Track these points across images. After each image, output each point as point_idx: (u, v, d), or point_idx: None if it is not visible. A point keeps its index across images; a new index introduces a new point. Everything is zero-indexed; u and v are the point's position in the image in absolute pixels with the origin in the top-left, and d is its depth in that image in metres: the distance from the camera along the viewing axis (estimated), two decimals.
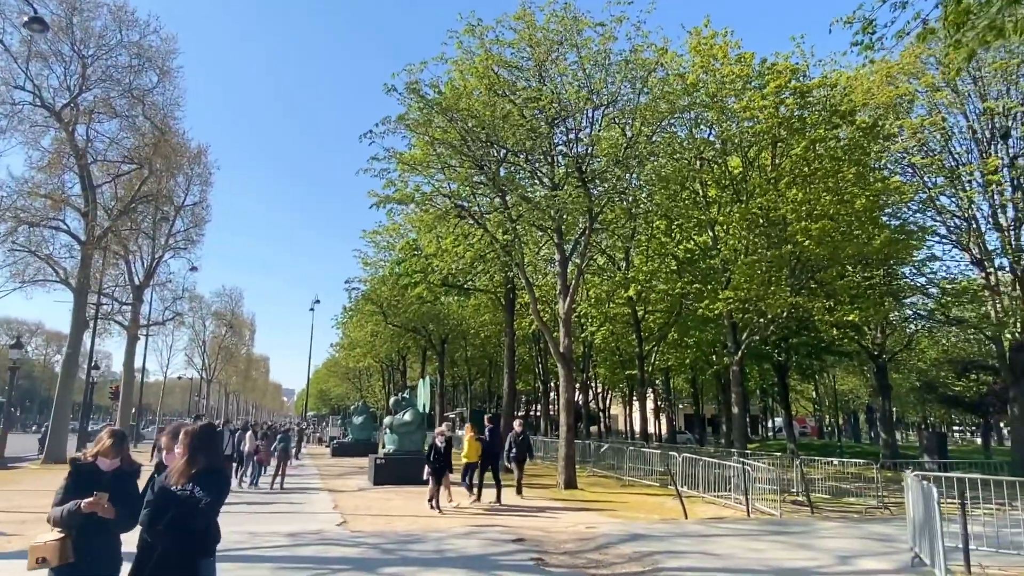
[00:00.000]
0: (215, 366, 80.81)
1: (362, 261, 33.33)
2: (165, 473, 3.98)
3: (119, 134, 30.19)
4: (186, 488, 3.84)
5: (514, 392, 25.86)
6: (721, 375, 38.74)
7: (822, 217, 17.14)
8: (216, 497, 3.91)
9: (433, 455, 13.77)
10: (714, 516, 13.82)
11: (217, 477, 4.03)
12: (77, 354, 30.35)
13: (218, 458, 4.16)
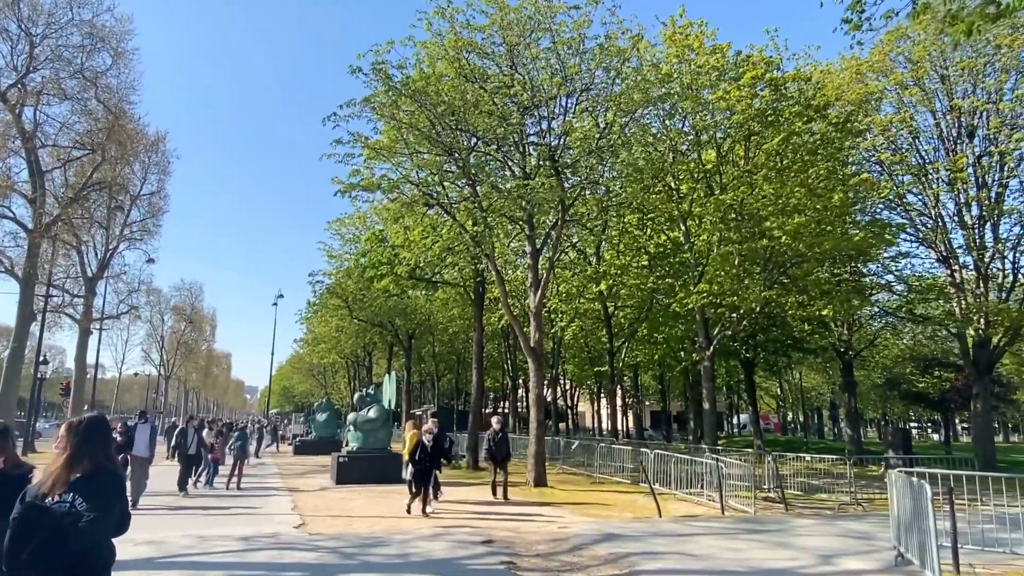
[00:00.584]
0: (174, 362, 78.45)
1: (327, 254, 32.45)
2: (39, 481, 3.09)
3: (70, 118, 28.84)
4: (64, 500, 2.95)
5: (483, 388, 25.33)
6: (689, 372, 38.80)
7: (797, 212, 16.98)
8: (105, 510, 3.01)
9: (419, 454, 12.75)
10: (688, 514, 13.50)
11: (107, 482, 3.13)
12: (23, 348, 28.89)
13: (108, 458, 3.24)
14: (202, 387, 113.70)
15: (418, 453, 12.63)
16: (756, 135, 19.11)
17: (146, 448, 12.79)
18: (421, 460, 12.63)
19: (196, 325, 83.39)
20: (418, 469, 12.58)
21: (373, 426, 18.72)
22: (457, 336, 39.64)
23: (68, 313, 37.25)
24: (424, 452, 12.68)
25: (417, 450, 12.65)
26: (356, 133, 15.06)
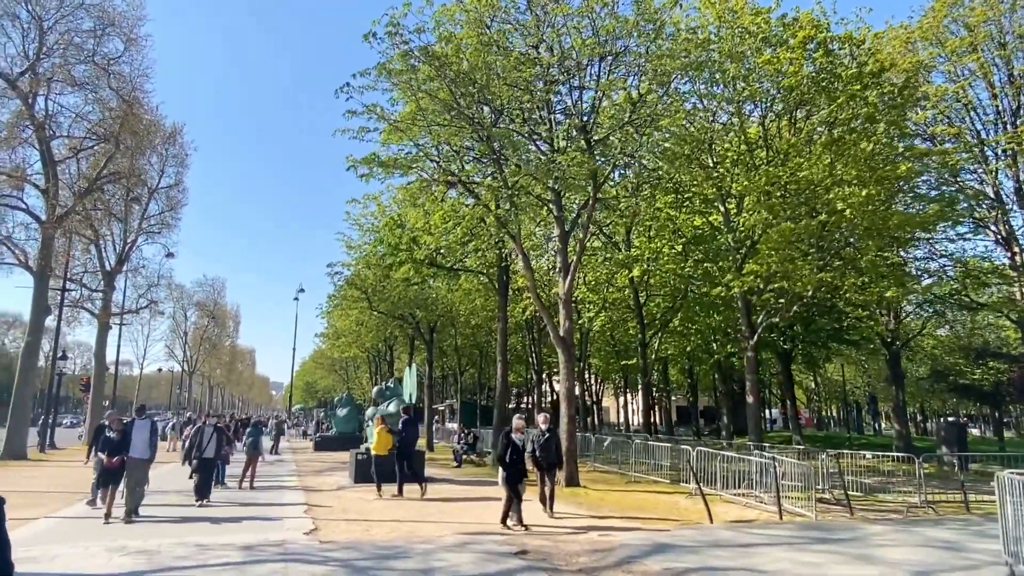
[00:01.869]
0: (197, 358, 78.51)
1: (345, 244, 31.38)
2: None
3: (84, 108, 28.10)
4: None
5: (507, 382, 24.13)
6: (721, 365, 37.24)
7: (862, 183, 15.39)
8: None
9: (510, 454, 10.77)
10: (739, 518, 12.18)
11: None
12: (38, 343, 28.34)
13: None
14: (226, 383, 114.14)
15: (508, 453, 10.76)
16: (807, 102, 17.56)
17: (145, 448, 11.14)
18: (512, 462, 10.74)
19: (219, 321, 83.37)
20: (509, 472, 10.67)
21: (393, 421, 17.57)
22: (480, 329, 38.46)
23: (87, 308, 36.78)
24: (516, 452, 10.80)
25: (507, 450, 10.78)
26: (372, 104, 13.90)
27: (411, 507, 12.78)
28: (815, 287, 16.55)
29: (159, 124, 36.60)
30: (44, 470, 20.88)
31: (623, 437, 22.55)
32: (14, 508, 12.67)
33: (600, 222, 21.05)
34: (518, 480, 10.65)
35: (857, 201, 15.08)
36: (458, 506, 13.09)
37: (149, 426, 11.43)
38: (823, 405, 68.24)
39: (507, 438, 10.89)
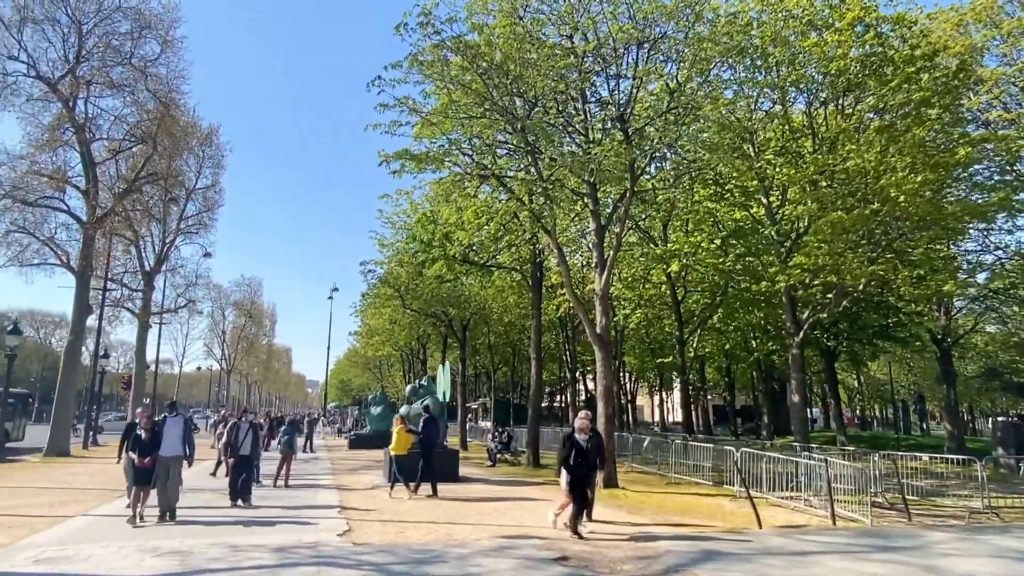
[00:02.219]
0: (235, 356, 79.87)
1: (378, 242, 31.32)
2: None
3: (122, 110, 28.54)
4: None
5: (542, 380, 23.73)
6: (761, 363, 36.29)
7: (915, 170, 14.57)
8: None
9: (574, 456, 9.94)
10: (789, 523, 11.60)
11: None
12: (80, 341, 28.88)
13: None
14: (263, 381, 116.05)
15: (572, 456, 9.89)
16: (856, 87, 16.74)
17: (178, 445, 10.75)
18: (577, 465, 9.85)
19: (256, 320, 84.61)
20: (574, 476, 9.86)
21: (414, 421, 17.33)
22: (513, 326, 38.13)
23: (127, 307, 37.47)
24: (581, 454, 9.92)
25: (571, 452, 9.90)
26: (403, 97, 13.63)
27: (446, 508, 12.49)
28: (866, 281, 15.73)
29: (196, 125, 37.10)
30: (86, 467, 21.20)
31: (660, 436, 21.95)
32: (54, 505, 12.78)
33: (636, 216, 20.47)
34: (584, 484, 9.90)
35: (912, 188, 14.23)
36: (495, 507, 12.76)
37: (182, 423, 11.04)
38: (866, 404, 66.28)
39: (570, 439, 10.12)
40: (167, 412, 11.30)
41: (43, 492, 14.64)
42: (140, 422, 10.76)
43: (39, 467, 21.47)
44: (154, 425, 10.68)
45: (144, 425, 10.56)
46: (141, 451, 10.38)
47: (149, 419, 10.71)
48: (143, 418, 10.85)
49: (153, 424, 10.68)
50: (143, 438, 10.47)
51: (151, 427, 10.58)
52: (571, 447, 9.99)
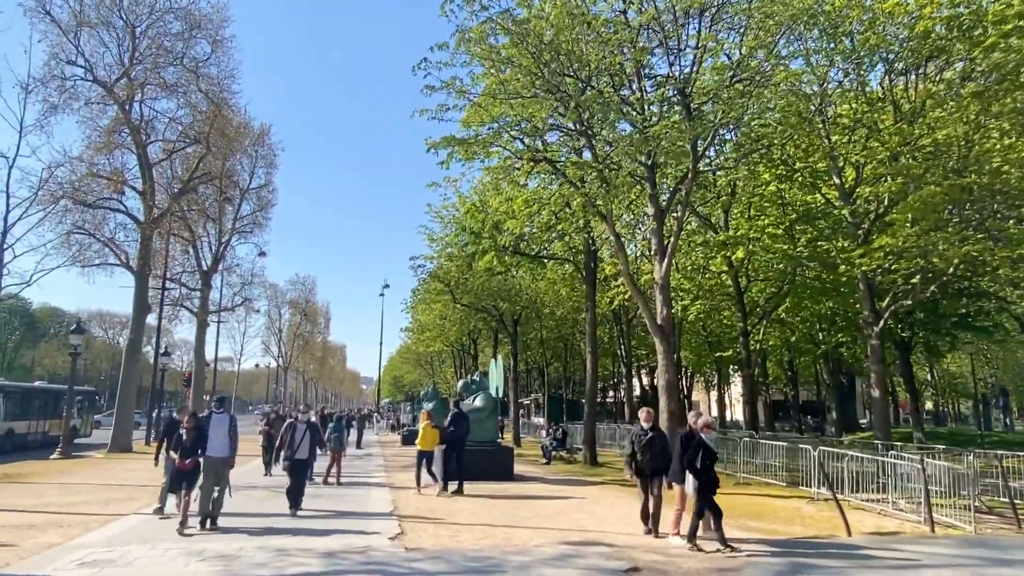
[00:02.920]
0: (292, 354, 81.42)
1: (427, 237, 30.99)
2: None
3: (176, 112, 28.99)
4: None
5: (597, 374, 22.86)
6: (828, 356, 34.45)
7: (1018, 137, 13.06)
8: None
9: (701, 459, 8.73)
10: (878, 529, 10.54)
11: None
12: (140, 340, 29.47)
13: None
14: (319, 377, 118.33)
15: (700, 458, 8.73)
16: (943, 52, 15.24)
17: (225, 445, 9.77)
18: (705, 468, 8.72)
19: (311, 318, 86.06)
20: (703, 481, 8.67)
21: (479, 416, 16.77)
22: (564, 321, 37.30)
23: (186, 306, 38.26)
24: (709, 456, 8.82)
25: (698, 453, 8.73)
26: (451, 79, 13.02)
27: (502, 509, 11.84)
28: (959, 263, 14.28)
29: (248, 126, 37.60)
30: (146, 463, 21.34)
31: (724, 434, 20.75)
32: (110, 503, 12.70)
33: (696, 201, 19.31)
34: (713, 491, 8.74)
35: (1018, 157, 12.74)
36: (553, 508, 12.04)
37: (228, 421, 10.01)
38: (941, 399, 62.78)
39: (690, 439, 8.87)
40: (213, 408, 10.46)
41: (102, 489, 14.67)
42: (183, 418, 10.05)
43: (102, 463, 21.86)
44: (197, 423, 9.76)
45: (186, 423, 9.70)
46: (183, 452, 9.50)
47: (192, 416, 9.88)
48: (184, 416, 10.14)
49: (196, 422, 9.78)
50: (184, 438, 9.57)
51: (194, 425, 9.66)
52: (697, 448, 8.72)
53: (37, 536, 9.19)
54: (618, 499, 13.30)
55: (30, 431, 29.06)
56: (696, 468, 8.69)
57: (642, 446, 9.65)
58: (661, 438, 9.84)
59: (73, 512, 11.58)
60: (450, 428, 14.37)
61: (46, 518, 10.94)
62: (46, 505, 12.40)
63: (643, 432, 9.79)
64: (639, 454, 9.65)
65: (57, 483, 16.31)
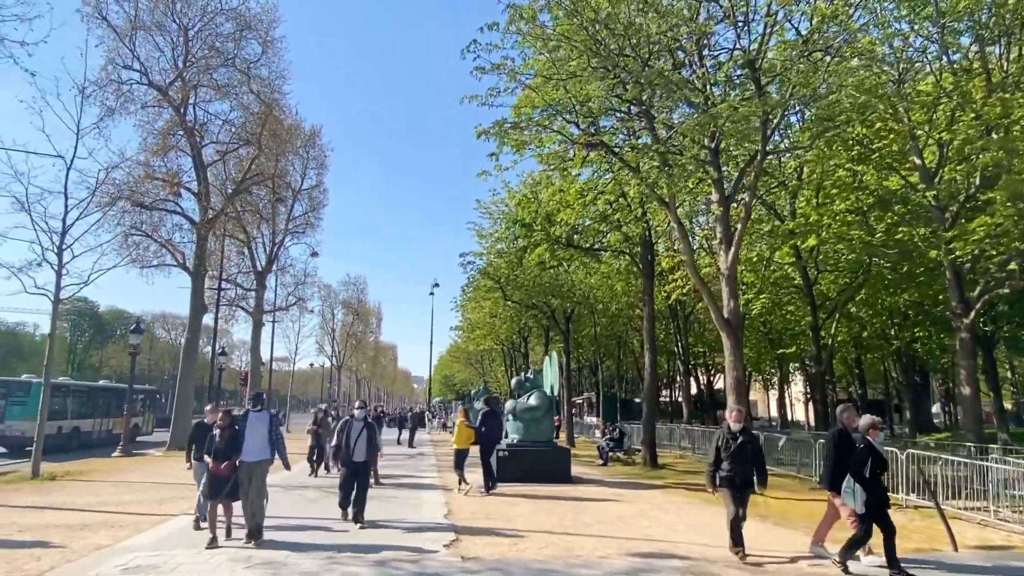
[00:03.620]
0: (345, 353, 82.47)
1: (476, 233, 30.52)
2: None
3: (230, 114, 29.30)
4: None
5: (656, 372, 21.90)
6: (901, 352, 32.49)
7: None
8: None
9: (871, 466, 7.36)
10: (984, 543, 9.45)
11: None
12: (197, 339, 29.93)
13: None
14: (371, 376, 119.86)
15: (869, 467, 7.33)
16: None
17: (264, 447, 8.66)
18: (876, 479, 7.40)
19: (363, 318, 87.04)
20: (874, 495, 7.32)
21: (534, 415, 16.13)
22: (617, 318, 36.30)
23: (242, 306, 38.86)
24: (880, 465, 7.49)
25: (867, 460, 7.32)
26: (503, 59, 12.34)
27: (562, 514, 11.12)
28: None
29: (299, 127, 37.91)
30: None
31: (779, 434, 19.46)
32: (163, 502, 12.53)
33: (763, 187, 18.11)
34: (887, 506, 7.39)
35: None
36: (615, 514, 11.25)
37: (268, 420, 8.86)
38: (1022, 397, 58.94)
39: (847, 440, 7.53)
40: (250, 406, 9.22)
41: (157, 487, 14.60)
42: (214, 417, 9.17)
43: (160, 461, 22.11)
44: (232, 422, 8.67)
45: (220, 422, 8.69)
46: (216, 456, 8.51)
47: (227, 414, 8.82)
48: (214, 416, 9.18)
49: (232, 420, 8.69)
50: (217, 439, 8.58)
51: (228, 424, 8.62)
52: (867, 455, 7.28)
53: (88, 536, 8.98)
54: (685, 505, 12.43)
55: (95, 429, 29.86)
56: (865, 479, 7.26)
57: (731, 452, 8.07)
58: (753, 442, 8.39)
59: (126, 512, 11.44)
60: (480, 428, 14.48)
61: (100, 517, 10.80)
62: (101, 504, 12.33)
63: (731, 435, 8.18)
64: (727, 461, 8.10)
65: (115, 481, 16.41)
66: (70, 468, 19.73)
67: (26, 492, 13.81)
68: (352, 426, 10.22)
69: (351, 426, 10.22)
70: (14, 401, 25.28)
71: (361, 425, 10.25)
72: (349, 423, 10.30)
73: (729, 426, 8.40)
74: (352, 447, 10.02)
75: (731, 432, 8.27)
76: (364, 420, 10.42)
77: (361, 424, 10.27)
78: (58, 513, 11.17)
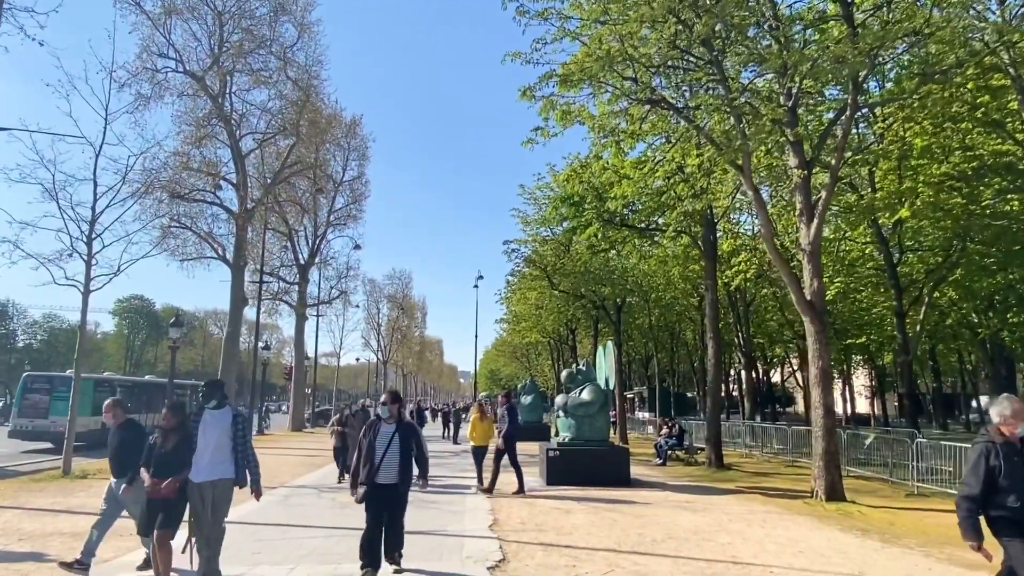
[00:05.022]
0: (390, 348, 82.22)
1: (521, 220, 29.07)
2: None
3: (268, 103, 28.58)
4: None
5: (721, 362, 20.06)
6: (986, 342, 29.68)
7: None
8: None
9: None
10: None
11: None
12: (237, 332, 29.41)
13: None
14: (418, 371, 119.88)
15: None
16: None
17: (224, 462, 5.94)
18: None
19: (408, 312, 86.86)
20: None
21: (588, 411, 14.57)
22: (671, 307, 34.32)
23: (285, 300, 38.39)
24: None
25: None
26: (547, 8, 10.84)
27: (625, 526, 9.57)
28: None
29: (339, 116, 37.17)
30: None
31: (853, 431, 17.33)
32: None
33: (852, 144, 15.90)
34: None
35: None
36: (688, 527, 9.63)
37: (230, 421, 6.01)
38: None
39: None
40: (203, 401, 6.14)
41: None
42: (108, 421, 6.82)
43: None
44: (183, 421, 6.07)
45: (165, 420, 6.06)
46: (156, 468, 5.85)
47: (176, 410, 6.14)
48: (109, 415, 6.76)
49: (182, 418, 6.09)
50: (160, 446, 5.93)
51: (177, 424, 6.01)
52: None
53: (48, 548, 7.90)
54: (768, 516, 10.71)
55: None
56: None
57: (1016, 478, 4.49)
58: None
59: None
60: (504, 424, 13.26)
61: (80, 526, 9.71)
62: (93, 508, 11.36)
63: (1012, 449, 4.60)
64: (1011, 493, 4.48)
65: None
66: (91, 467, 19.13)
67: (50, 492, 13.03)
68: (379, 431, 6.73)
69: (378, 430, 6.74)
70: (57, 396, 25.09)
71: (392, 430, 6.70)
72: (375, 425, 6.83)
73: (1003, 435, 4.69)
74: (378, 462, 6.55)
75: (1008, 446, 4.64)
76: (398, 423, 6.81)
77: (392, 429, 6.72)
78: (71, 518, 10.23)
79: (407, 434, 6.76)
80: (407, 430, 6.83)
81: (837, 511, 11.24)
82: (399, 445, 6.62)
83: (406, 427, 6.87)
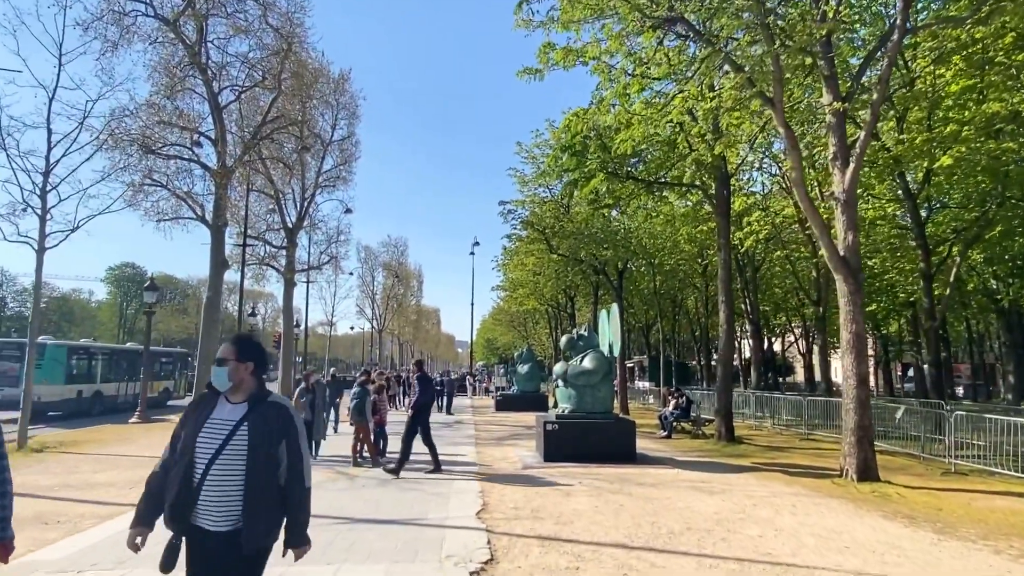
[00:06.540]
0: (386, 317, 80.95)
1: (518, 180, 27.48)
2: None
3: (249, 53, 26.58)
4: None
5: (733, 329, 18.68)
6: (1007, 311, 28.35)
7: None
8: None
9: None
10: None
11: None
12: (218, 297, 27.73)
13: None
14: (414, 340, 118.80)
15: None
16: None
17: None
18: None
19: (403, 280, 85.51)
20: None
21: (590, 380, 13.18)
22: (675, 273, 32.84)
23: (272, 265, 36.82)
24: None
25: None
26: None
27: (635, 511, 8.24)
28: None
29: (326, 70, 35.14)
30: None
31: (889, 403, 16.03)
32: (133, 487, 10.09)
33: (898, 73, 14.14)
34: None
35: None
36: (708, 513, 8.28)
37: None
38: None
39: None
40: None
41: (143, 464, 12.29)
42: None
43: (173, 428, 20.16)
44: None
45: None
46: None
47: None
48: None
49: None
50: None
51: None
52: None
53: None
54: (796, 499, 9.40)
55: (119, 393, 28.47)
56: None
57: None
58: None
59: (83, 499, 9.18)
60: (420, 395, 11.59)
61: (46, 507, 8.54)
62: (64, 486, 10.11)
63: None
64: None
65: (104, 454, 14.39)
66: (76, 436, 18.04)
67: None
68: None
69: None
70: None
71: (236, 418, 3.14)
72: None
73: None
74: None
75: None
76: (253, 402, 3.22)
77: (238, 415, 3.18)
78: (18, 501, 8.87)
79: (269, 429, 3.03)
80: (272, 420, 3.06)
81: (873, 493, 9.95)
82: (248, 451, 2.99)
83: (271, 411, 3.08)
